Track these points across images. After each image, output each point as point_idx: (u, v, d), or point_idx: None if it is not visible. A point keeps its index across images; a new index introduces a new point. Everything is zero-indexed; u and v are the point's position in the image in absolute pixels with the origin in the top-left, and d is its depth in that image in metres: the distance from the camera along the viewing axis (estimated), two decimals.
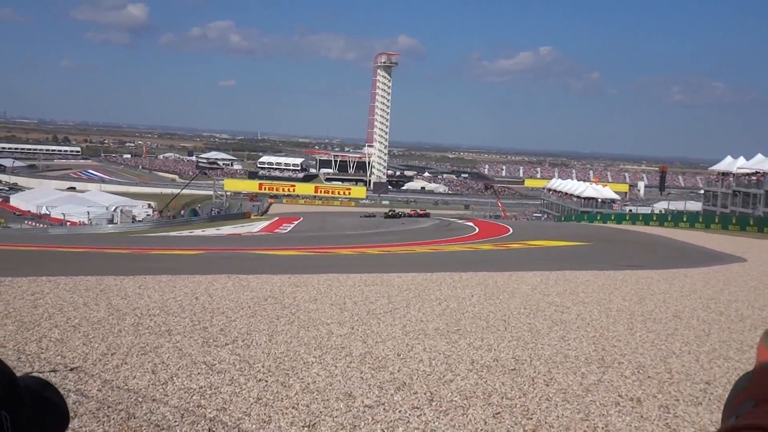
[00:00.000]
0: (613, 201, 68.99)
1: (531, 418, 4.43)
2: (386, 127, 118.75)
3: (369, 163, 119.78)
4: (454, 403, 4.64)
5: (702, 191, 71.27)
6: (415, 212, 71.73)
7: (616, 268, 14.60)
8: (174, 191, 79.71)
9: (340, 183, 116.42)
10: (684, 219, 47.19)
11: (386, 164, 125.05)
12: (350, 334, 6.60)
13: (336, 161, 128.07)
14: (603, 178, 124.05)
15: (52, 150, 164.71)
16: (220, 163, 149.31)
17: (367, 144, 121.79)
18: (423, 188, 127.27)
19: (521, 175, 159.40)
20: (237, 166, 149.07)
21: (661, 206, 74.19)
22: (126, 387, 4.63)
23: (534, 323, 7.67)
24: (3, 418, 0.74)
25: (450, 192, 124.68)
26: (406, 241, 26.93)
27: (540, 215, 77.52)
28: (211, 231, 42.09)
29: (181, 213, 66.26)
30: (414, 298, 8.98)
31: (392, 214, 66.74)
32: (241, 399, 4.51)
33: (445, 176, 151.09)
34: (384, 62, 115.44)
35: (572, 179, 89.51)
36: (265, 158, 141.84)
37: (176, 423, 4.03)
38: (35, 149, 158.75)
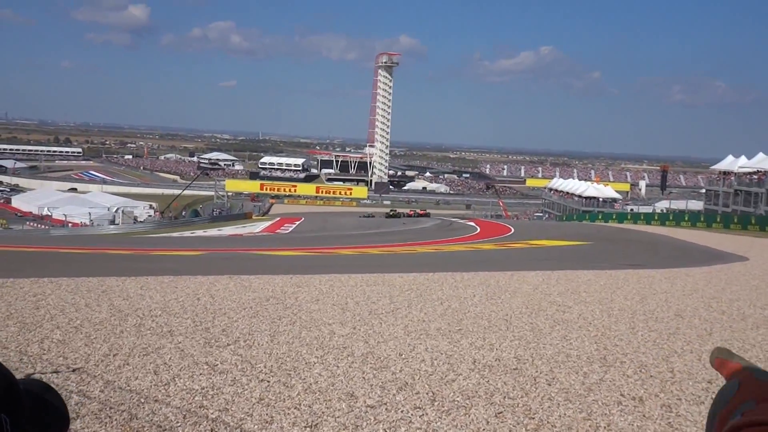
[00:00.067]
0: (615, 200, 69.02)
1: (533, 418, 4.43)
2: (387, 127, 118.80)
3: (370, 163, 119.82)
4: (456, 403, 4.64)
5: (703, 190, 71.18)
6: (414, 212, 71.56)
7: (618, 268, 14.59)
8: (175, 192, 79.76)
9: (342, 183, 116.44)
10: (685, 218, 47.16)
11: (387, 164, 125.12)
12: (352, 335, 6.60)
13: (337, 161, 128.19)
14: (604, 178, 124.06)
15: (54, 151, 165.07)
16: (222, 164, 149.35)
17: (369, 144, 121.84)
18: (424, 188, 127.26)
19: (522, 175, 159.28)
20: (238, 167, 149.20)
21: (663, 205, 74.07)
22: (128, 388, 4.64)
23: (536, 323, 7.66)
24: (3, 421, 0.74)
25: (451, 192, 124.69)
26: (408, 241, 26.93)
27: (541, 215, 77.50)
28: (213, 232, 42.10)
29: (183, 214, 66.39)
30: (416, 298, 8.98)
31: (393, 214, 67.97)
32: (243, 399, 4.51)
33: (447, 176, 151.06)
34: (385, 62, 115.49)
35: (574, 179, 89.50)
36: (267, 159, 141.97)
37: (178, 424, 4.04)
38: (37, 150, 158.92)
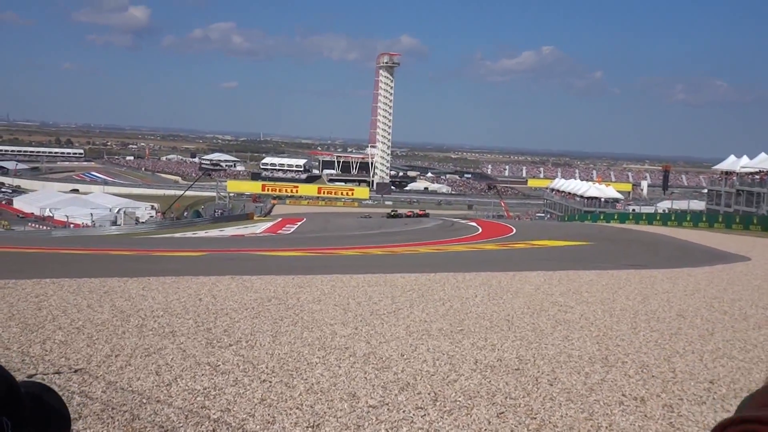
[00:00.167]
0: (617, 200, 68.92)
1: (535, 418, 4.43)
2: (389, 128, 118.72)
3: (372, 164, 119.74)
4: (458, 403, 4.64)
5: (705, 190, 71.10)
6: (413, 213, 71.46)
7: (620, 268, 14.58)
8: (177, 193, 79.80)
9: (343, 184, 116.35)
10: (687, 218, 47.10)
11: (389, 165, 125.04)
12: (354, 335, 6.61)
13: (339, 162, 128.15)
14: (606, 178, 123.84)
15: (55, 152, 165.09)
16: (223, 165, 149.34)
17: (370, 144, 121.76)
18: (426, 188, 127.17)
19: (524, 175, 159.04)
20: (240, 168, 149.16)
21: (665, 205, 73.95)
22: (130, 388, 4.64)
23: (537, 323, 7.66)
24: (4, 424, 0.74)
25: (453, 192, 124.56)
26: (409, 242, 26.93)
27: (543, 215, 77.44)
28: (215, 232, 42.14)
29: (185, 214, 66.46)
30: (417, 299, 8.99)
31: (394, 214, 68.91)
32: (245, 400, 4.52)
33: (448, 176, 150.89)
34: (386, 62, 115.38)
35: (575, 179, 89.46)
36: (268, 159, 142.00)
37: (180, 424, 4.04)
38: (38, 152, 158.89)
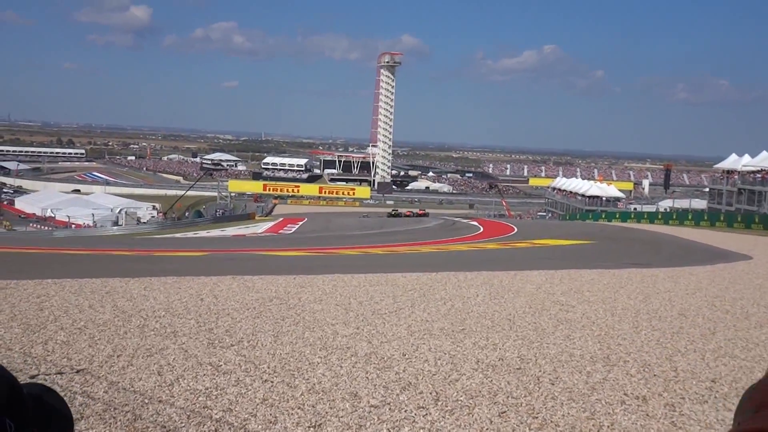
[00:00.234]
0: (618, 199, 68.89)
1: (536, 417, 4.43)
2: (390, 127, 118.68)
3: (373, 163, 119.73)
4: (460, 403, 4.64)
5: (707, 189, 70.89)
6: (412, 213, 71.38)
7: (621, 267, 14.57)
8: (178, 193, 79.86)
9: (345, 183, 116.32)
10: (689, 217, 47.04)
11: (390, 164, 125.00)
12: (355, 335, 6.61)
13: (340, 161, 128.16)
14: (607, 177, 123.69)
15: (57, 152, 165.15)
16: (225, 164, 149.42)
17: (371, 144, 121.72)
18: (427, 188, 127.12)
19: (525, 174, 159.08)
20: (241, 167, 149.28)
21: (666, 204, 73.86)
22: (132, 388, 4.65)
23: (539, 322, 7.66)
24: (7, 426, 0.74)
25: (454, 191, 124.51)
26: (411, 241, 26.93)
27: (544, 214, 77.39)
28: (216, 232, 42.16)
29: (186, 214, 66.42)
30: (419, 298, 8.99)
31: (395, 214, 69.67)
32: (247, 400, 4.52)
33: (450, 176, 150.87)
34: (387, 62, 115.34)
35: (577, 178, 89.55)
36: (269, 159, 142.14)
37: (182, 424, 4.05)
38: (39, 152, 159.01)
